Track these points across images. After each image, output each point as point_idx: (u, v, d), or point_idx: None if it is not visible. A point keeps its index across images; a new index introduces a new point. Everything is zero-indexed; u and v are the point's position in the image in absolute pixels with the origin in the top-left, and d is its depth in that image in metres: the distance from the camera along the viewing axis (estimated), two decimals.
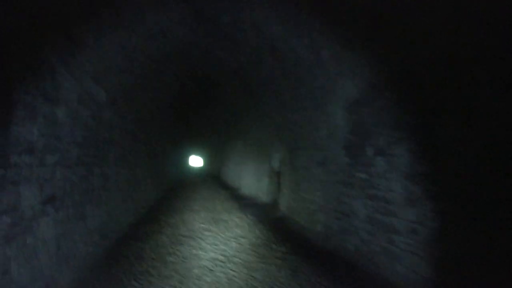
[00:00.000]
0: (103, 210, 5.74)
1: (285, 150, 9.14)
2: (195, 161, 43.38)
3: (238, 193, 14.30)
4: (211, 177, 25.10)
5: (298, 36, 6.87)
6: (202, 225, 7.53)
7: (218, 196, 13.14)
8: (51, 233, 3.67)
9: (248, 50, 9.20)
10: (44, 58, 3.71)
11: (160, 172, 14.30)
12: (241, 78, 11.62)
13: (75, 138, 4.58)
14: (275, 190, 10.62)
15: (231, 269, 4.75)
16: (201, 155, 37.93)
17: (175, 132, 19.35)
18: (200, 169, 39.14)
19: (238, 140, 17.14)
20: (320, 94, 6.65)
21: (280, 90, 8.95)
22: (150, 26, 7.48)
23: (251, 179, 13.48)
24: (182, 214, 9.00)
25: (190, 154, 33.27)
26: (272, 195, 10.60)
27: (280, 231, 7.22)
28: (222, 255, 5.36)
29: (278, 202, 9.82)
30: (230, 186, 17.79)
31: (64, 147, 4.17)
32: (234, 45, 9.35)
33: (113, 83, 6.64)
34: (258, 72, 9.98)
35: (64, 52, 4.25)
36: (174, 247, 5.66)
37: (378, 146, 4.82)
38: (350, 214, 5.46)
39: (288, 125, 8.75)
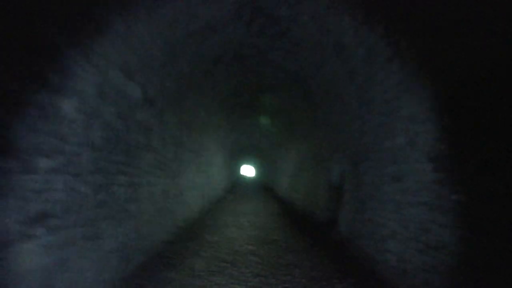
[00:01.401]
0: (129, 226, 4.85)
1: (348, 162, 7.87)
2: (247, 171, 42.63)
3: (292, 207, 13.10)
4: (263, 188, 24.08)
5: (369, 27, 5.67)
6: (249, 247, 6.45)
7: (270, 210, 12.04)
8: (39, 263, 2.75)
9: (308, 49, 8.09)
10: (46, 36, 2.85)
11: (208, 182, 13.49)
12: (298, 83, 10.52)
13: (91, 139, 3.70)
14: (333, 208, 9.32)
15: None
16: (253, 165, 37.13)
17: (226, 140, 18.60)
18: (252, 179, 38.34)
19: (293, 150, 16.00)
20: (396, 94, 5.38)
21: (344, 93, 7.73)
22: (199, 19, 6.65)
23: (306, 194, 12.26)
24: (227, 230, 8.00)
25: (241, 164, 32.52)
26: (330, 213, 9.31)
27: (341, 259, 5.97)
28: None
29: (337, 221, 8.51)
30: (283, 199, 16.63)
31: (72, 149, 3.29)
32: (291, 44, 8.29)
33: (151, 80, 5.80)
34: (319, 74, 8.83)
35: (79, 33, 3.39)
36: (211, 279, 4.58)
37: (488, 158, 3.48)
38: (440, 247, 4.10)
39: (353, 134, 7.49)
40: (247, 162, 35.76)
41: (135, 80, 4.99)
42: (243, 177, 38.55)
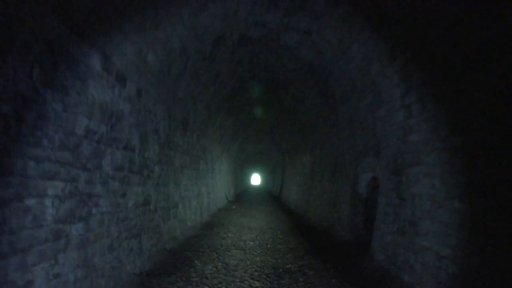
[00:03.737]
0: (67, 261, 3.08)
1: (384, 168, 6.07)
2: (252, 178, 40.77)
3: (305, 222, 11.26)
4: (270, 198, 22.22)
5: None
6: (255, 283, 4.65)
7: (278, 225, 10.20)
8: None
9: (332, 25, 6.34)
10: None
11: (209, 192, 11.72)
12: (315, 74, 8.78)
13: None
14: (361, 226, 7.49)
15: None
16: (260, 172, 35.28)
17: (231, 143, 16.88)
18: (258, 187, 36.51)
19: (305, 156, 14.20)
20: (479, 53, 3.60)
21: (380, 79, 5.95)
22: None
23: (322, 206, 10.42)
24: (226, 254, 6.20)
25: (246, 170, 30.60)
26: (357, 232, 7.49)
27: None
28: None
29: (368, 244, 6.71)
30: (294, 210, 14.79)
31: None
32: (311, 20, 6.52)
33: (117, 43, 4.09)
34: (343, 60, 7.06)
35: None
36: None
37: None
38: None
39: (393, 131, 5.69)
40: (254, 169, 33.89)
41: (82, 33, 3.26)
42: (249, 186, 36.72)
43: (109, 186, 4.04)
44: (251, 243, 7.33)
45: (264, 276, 4.97)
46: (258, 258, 6.05)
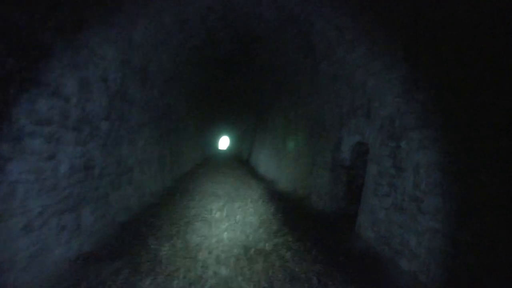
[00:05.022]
0: None
1: (376, 131, 5.19)
2: (221, 141, 39.65)
3: (277, 189, 10.43)
4: (239, 163, 21.32)
5: None
6: (222, 271, 3.76)
7: (249, 193, 9.28)
8: None
9: None
10: None
11: (172, 153, 10.63)
12: (295, 23, 7.69)
13: None
14: (343, 195, 6.72)
15: None
16: (229, 135, 34.22)
17: (197, 101, 15.66)
18: (227, 151, 35.57)
19: (279, 116, 13.25)
20: None
21: (375, 25, 4.96)
22: None
23: (297, 172, 9.60)
24: (189, 229, 5.27)
25: (214, 132, 29.35)
26: (338, 202, 6.71)
27: None
28: None
29: (351, 216, 5.95)
30: (265, 176, 13.96)
31: None
32: None
33: None
34: (333, 3, 6.02)
35: None
36: None
37: None
38: None
39: (391, 86, 4.77)
40: (223, 132, 32.78)
41: None
42: (218, 149, 35.69)
43: (25, 145, 2.94)
44: (218, 213, 6.43)
45: (233, 259, 4.09)
46: (225, 234, 5.15)
